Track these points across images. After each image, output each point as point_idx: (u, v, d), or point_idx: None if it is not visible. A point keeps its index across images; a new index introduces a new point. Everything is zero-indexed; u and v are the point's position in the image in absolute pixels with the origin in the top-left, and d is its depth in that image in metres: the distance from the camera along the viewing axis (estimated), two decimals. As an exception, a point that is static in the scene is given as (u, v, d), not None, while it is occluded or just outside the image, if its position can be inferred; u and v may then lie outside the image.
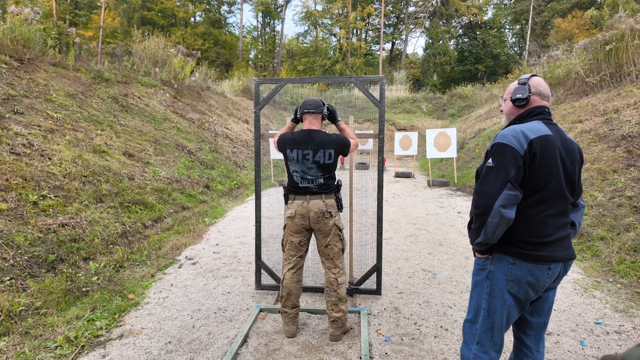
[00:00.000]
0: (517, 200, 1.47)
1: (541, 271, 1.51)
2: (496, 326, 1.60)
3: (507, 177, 1.45)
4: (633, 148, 5.24)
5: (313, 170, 2.45)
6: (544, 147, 1.48)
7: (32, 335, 2.48)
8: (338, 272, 2.53)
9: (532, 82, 1.62)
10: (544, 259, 1.50)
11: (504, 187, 1.45)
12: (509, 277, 1.55)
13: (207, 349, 2.45)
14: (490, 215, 1.46)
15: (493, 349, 1.62)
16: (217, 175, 7.88)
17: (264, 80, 3.33)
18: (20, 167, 4.06)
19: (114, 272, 3.52)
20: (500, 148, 1.50)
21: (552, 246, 1.52)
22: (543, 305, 1.64)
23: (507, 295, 1.56)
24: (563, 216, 1.56)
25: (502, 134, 1.53)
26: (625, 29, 7.61)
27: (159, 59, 11.26)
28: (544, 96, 1.61)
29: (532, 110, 1.60)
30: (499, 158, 1.49)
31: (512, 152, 1.46)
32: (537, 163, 1.47)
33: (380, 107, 3.07)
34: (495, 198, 1.45)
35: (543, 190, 1.50)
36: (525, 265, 1.52)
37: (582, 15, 21.48)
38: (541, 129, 1.52)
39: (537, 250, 1.51)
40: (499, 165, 1.47)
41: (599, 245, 4.01)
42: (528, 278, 1.52)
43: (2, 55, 6.15)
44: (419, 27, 32.89)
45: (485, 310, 1.62)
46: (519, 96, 1.62)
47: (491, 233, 1.49)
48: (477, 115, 15.11)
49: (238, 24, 34.56)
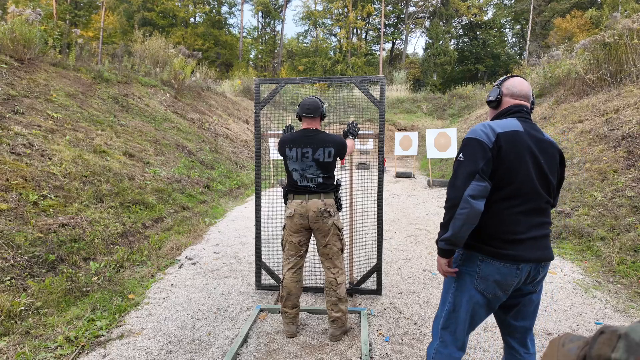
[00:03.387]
0: (486, 191, 1.46)
1: (509, 270, 1.48)
2: (460, 322, 1.59)
3: (475, 168, 1.46)
4: (633, 148, 5.24)
5: (312, 168, 2.45)
6: (511, 141, 1.49)
7: (32, 335, 2.48)
8: (337, 272, 2.53)
9: (506, 84, 1.65)
10: (512, 258, 1.47)
11: (472, 177, 1.45)
12: (477, 274, 1.54)
13: (207, 349, 2.45)
14: (460, 206, 1.45)
15: (454, 345, 1.61)
16: (218, 176, 7.88)
17: (265, 80, 3.33)
18: (21, 167, 4.06)
19: (114, 272, 3.52)
20: (469, 142, 1.52)
21: (523, 245, 1.48)
22: (526, 309, 1.62)
23: (474, 292, 1.56)
24: (538, 215, 1.53)
25: (472, 129, 1.56)
26: (623, 29, 7.61)
27: (159, 59, 11.27)
28: (517, 96, 1.62)
29: (509, 109, 1.62)
30: (468, 151, 1.51)
31: (480, 145, 1.48)
32: (502, 156, 1.48)
33: (381, 107, 3.07)
34: (465, 189, 1.45)
35: (512, 185, 1.49)
36: (494, 264, 1.50)
37: (582, 15, 21.49)
38: (512, 125, 1.53)
39: (505, 248, 1.48)
40: (469, 158, 1.49)
41: (599, 246, 4.01)
42: (495, 276, 1.50)
43: (3, 55, 6.16)
44: (419, 27, 32.88)
45: (450, 304, 1.62)
46: (491, 98, 1.67)
47: (459, 227, 1.46)
48: (477, 116, 15.10)
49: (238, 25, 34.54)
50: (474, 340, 2.52)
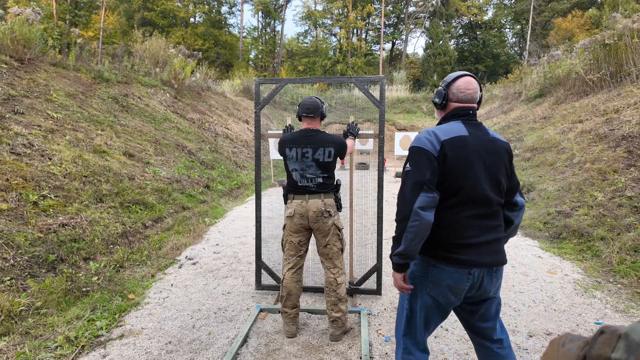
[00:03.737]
0: (434, 202, 1.46)
1: (460, 275, 1.48)
2: (418, 327, 1.59)
3: (422, 179, 1.45)
4: (633, 148, 5.24)
5: (312, 168, 2.45)
6: (456, 148, 1.48)
7: (32, 335, 2.48)
8: (337, 272, 2.53)
9: (452, 87, 1.62)
10: (464, 262, 1.47)
11: (420, 189, 1.45)
12: (429, 279, 1.53)
13: (207, 349, 2.45)
14: (410, 219, 1.44)
15: (417, 348, 1.61)
16: (218, 176, 7.88)
17: (265, 80, 3.33)
18: (21, 167, 4.06)
19: (114, 272, 3.52)
20: (415, 151, 1.51)
21: (475, 250, 1.48)
22: (489, 312, 1.62)
23: (427, 297, 1.55)
24: (489, 219, 1.52)
25: (417, 137, 1.54)
26: (623, 29, 7.61)
27: (159, 59, 11.27)
28: (462, 100, 1.61)
29: (455, 112, 1.61)
30: (414, 161, 1.50)
31: (426, 155, 1.47)
32: (448, 164, 1.47)
33: (381, 107, 3.07)
34: (414, 201, 1.44)
35: (460, 191, 1.48)
36: (445, 269, 1.49)
37: (583, 15, 21.48)
38: (457, 130, 1.52)
39: (456, 253, 1.48)
40: (415, 168, 1.48)
41: (599, 246, 4.01)
42: (448, 281, 1.49)
43: (3, 55, 6.16)
44: (419, 27, 32.87)
45: (407, 310, 1.61)
46: (436, 100, 1.66)
47: (410, 240, 1.45)
48: (477, 115, 15.10)
49: (238, 25, 34.55)
50: (474, 340, 2.53)
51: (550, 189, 5.63)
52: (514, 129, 9.63)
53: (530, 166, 6.96)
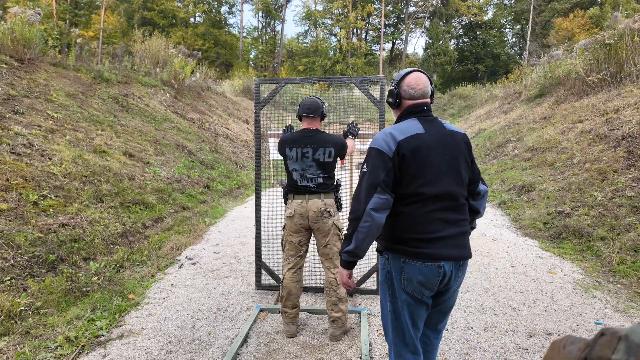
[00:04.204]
0: (387, 204, 1.47)
1: (430, 269, 1.47)
2: (404, 328, 1.57)
3: (377, 181, 1.46)
4: (633, 148, 5.24)
5: (312, 168, 2.45)
6: (413, 147, 1.48)
7: (32, 335, 2.48)
8: (337, 272, 2.53)
9: (402, 85, 1.62)
10: (430, 256, 1.46)
11: (374, 190, 1.46)
12: (402, 276, 1.53)
13: (207, 349, 2.45)
14: (362, 219, 1.46)
15: (407, 350, 1.59)
16: (218, 176, 7.89)
17: (265, 80, 3.33)
18: (21, 167, 4.06)
19: (114, 272, 3.52)
20: (372, 152, 1.52)
21: (440, 243, 1.47)
22: (446, 305, 1.63)
23: (405, 295, 1.54)
24: (453, 212, 1.51)
25: (375, 138, 1.55)
26: (624, 29, 7.61)
27: (159, 59, 11.26)
28: (415, 97, 1.60)
29: (410, 110, 1.61)
30: (371, 162, 1.50)
31: (381, 156, 1.48)
32: (406, 163, 1.48)
33: (381, 107, 3.07)
34: (367, 202, 1.46)
35: (421, 188, 1.48)
36: (414, 264, 1.49)
37: (583, 15, 21.49)
38: (413, 128, 1.52)
39: (422, 247, 1.47)
40: (371, 170, 1.49)
41: (599, 246, 4.01)
42: (418, 277, 1.49)
43: (3, 55, 6.16)
44: (419, 27, 32.88)
45: (391, 312, 1.60)
46: (390, 101, 1.66)
47: (361, 240, 1.47)
48: (477, 115, 15.10)
49: (238, 24, 34.56)
50: (473, 340, 2.53)
51: (550, 189, 5.63)
52: (514, 129, 9.64)
53: (530, 166, 6.96)
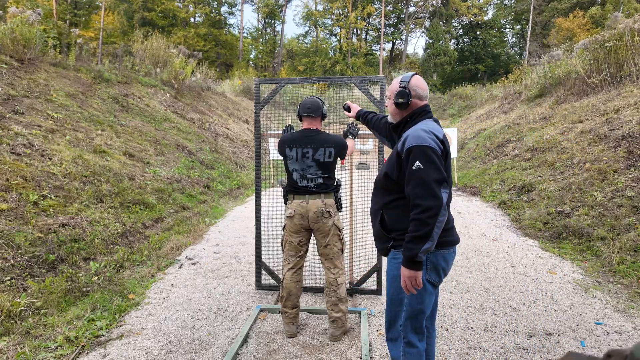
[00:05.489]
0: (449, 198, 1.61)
1: (450, 254, 1.67)
2: (421, 316, 1.68)
3: (442, 176, 1.53)
4: (633, 148, 5.23)
5: (312, 168, 2.45)
6: (446, 145, 1.61)
7: (32, 335, 2.48)
8: (338, 272, 2.53)
9: (412, 86, 1.69)
10: (451, 243, 1.67)
11: (441, 186, 1.52)
12: (427, 267, 1.63)
13: (207, 349, 2.45)
14: (440, 214, 1.50)
15: (418, 340, 1.69)
16: (218, 176, 7.88)
17: (265, 80, 3.33)
18: (21, 167, 4.06)
19: (114, 272, 3.52)
20: (427, 150, 1.54)
21: (453, 230, 1.71)
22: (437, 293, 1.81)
23: (429, 285, 1.65)
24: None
25: (421, 137, 1.55)
26: (624, 29, 7.61)
27: (160, 59, 11.26)
28: (422, 97, 1.72)
29: (422, 110, 1.71)
30: (429, 160, 1.53)
31: (435, 153, 1.54)
32: (445, 161, 1.59)
33: (381, 107, 3.07)
34: (443, 197, 1.52)
35: (449, 182, 1.62)
36: (439, 252, 1.63)
37: (584, 15, 21.48)
38: (439, 128, 1.65)
39: (446, 236, 1.64)
40: (433, 166, 1.52)
41: (599, 246, 4.01)
42: (442, 264, 1.65)
43: (3, 55, 6.16)
44: (419, 27, 32.87)
45: (408, 304, 1.68)
46: (401, 101, 1.70)
47: (438, 234, 1.53)
48: (477, 115, 15.10)
49: (238, 25, 34.55)
50: (473, 340, 2.53)
51: (550, 189, 5.63)
52: (514, 129, 9.63)
53: (530, 166, 6.96)
